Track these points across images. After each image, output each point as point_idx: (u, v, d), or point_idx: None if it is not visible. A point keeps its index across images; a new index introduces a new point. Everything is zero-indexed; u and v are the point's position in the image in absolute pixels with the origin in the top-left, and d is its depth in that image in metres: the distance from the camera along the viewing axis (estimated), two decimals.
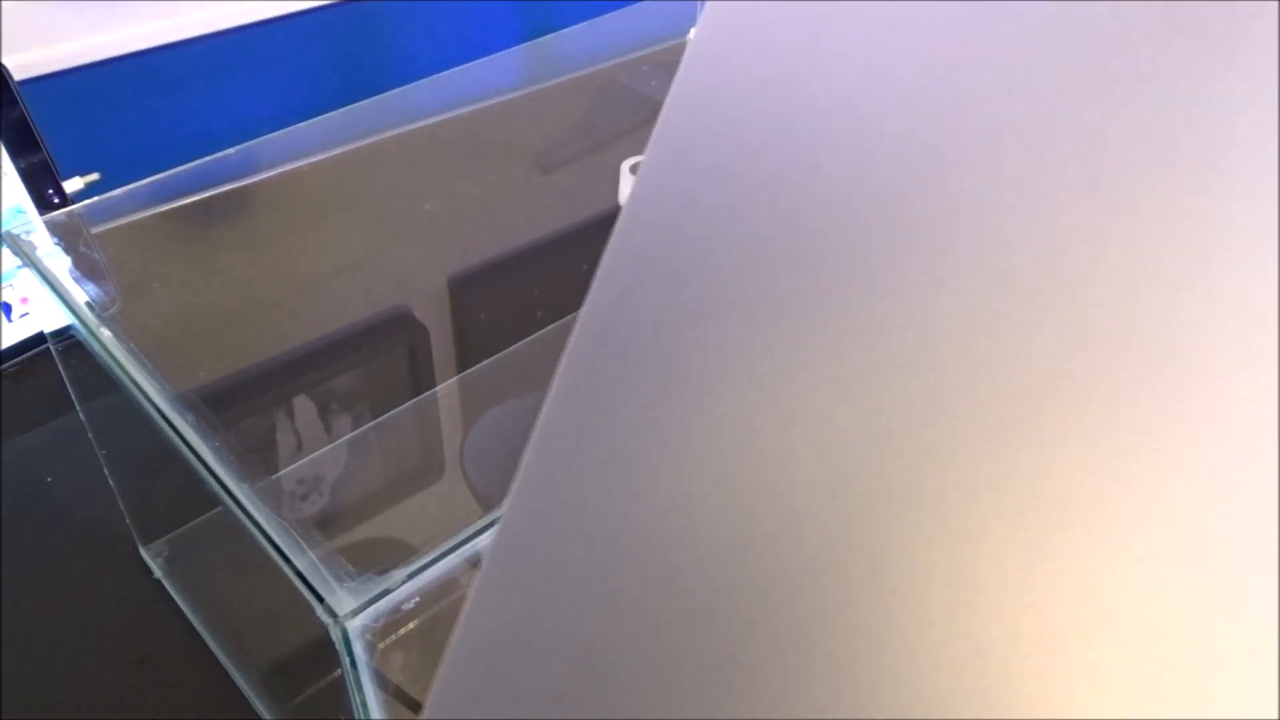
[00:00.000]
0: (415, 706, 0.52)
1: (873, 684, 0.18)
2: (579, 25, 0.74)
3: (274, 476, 0.66)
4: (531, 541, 0.20)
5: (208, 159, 0.56)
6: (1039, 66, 0.19)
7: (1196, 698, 0.17)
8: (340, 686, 0.37)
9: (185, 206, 0.58)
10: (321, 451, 0.68)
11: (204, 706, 0.56)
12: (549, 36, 0.77)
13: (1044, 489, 0.18)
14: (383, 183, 0.79)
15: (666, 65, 0.89)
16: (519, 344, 0.75)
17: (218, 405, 0.43)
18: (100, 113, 0.92)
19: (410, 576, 0.35)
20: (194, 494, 0.40)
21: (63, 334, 0.50)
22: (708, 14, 0.21)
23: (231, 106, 1.00)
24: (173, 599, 0.61)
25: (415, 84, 0.66)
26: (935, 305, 0.18)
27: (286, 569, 0.35)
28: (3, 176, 0.67)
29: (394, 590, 0.34)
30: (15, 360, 0.72)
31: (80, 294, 0.47)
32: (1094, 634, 0.17)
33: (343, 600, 0.34)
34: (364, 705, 0.37)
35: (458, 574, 0.45)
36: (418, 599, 0.35)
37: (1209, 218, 0.18)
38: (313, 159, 0.64)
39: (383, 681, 0.38)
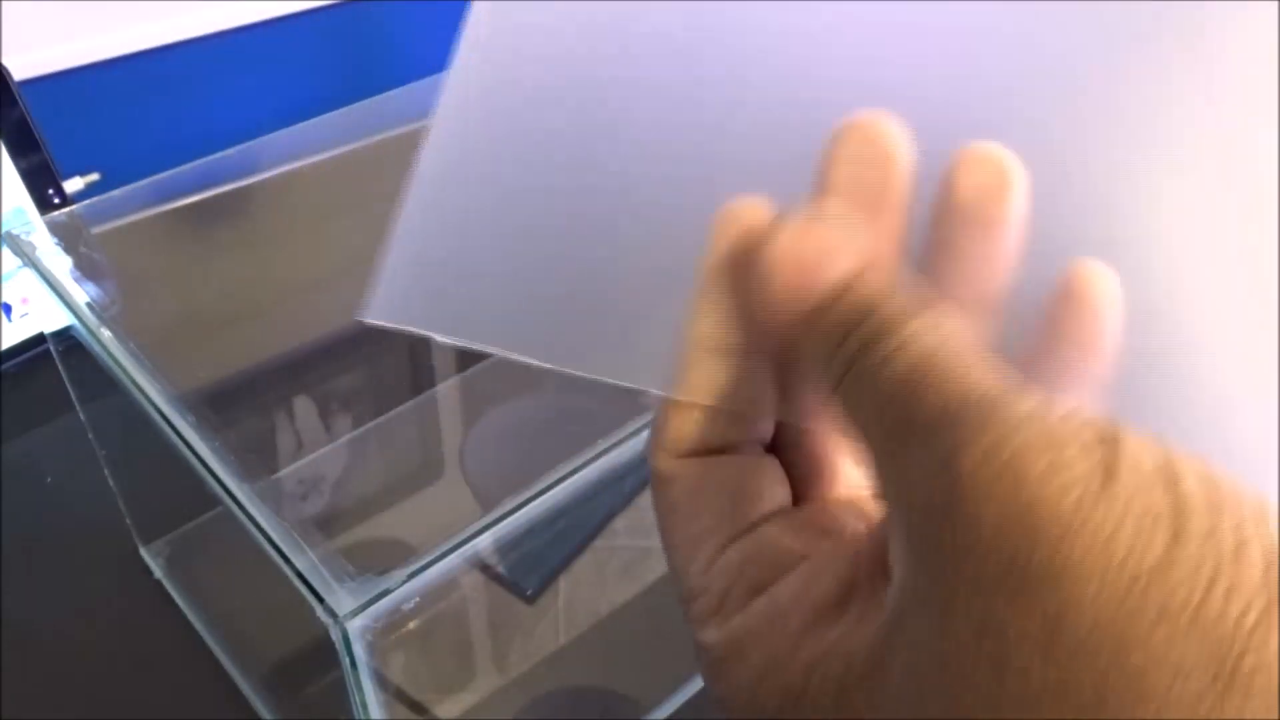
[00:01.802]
0: (415, 706, 0.52)
1: None
2: None
3: (274, 476, 0.66)
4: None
5: (208, 159, 0.56)
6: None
7: None
8: (340, 686, 0.37)
9: (185, 206, 0.58)
10: (321, 451, 0.68)
11: (204, 706, 0.56)
12: None
13: None
14: (383, 183, 0.79)
15: None
16: None
17: (218, 405, 0.43)
18: (100, 113, 0.92)
19: (410, 576, 0.35)
20: (194, 494, 0.40)
21: (63, 334, 0.50)
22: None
23: (231, 106, 0.99)
24: (173, 599, 0.61)
25: (415, 84, 0.66)
26: None
27: (286, 569, 0.35)
28: (3, 176, 0.67)
29: (394, 590, 0.34)
30: (15, 360, 0.72)
31: (80, 294, 0.47)
32: None
33: (343, 600, 0.34)
34: (364, 705, 0.37)
35: (458, 574, 0.45)
36: (418, 599, 0.35)
37: None
38: (313, 159, 0.64)
39: (383, 681, 0.38)
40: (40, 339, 0.67)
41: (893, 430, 0.16)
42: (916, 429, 0.15)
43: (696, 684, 0.58)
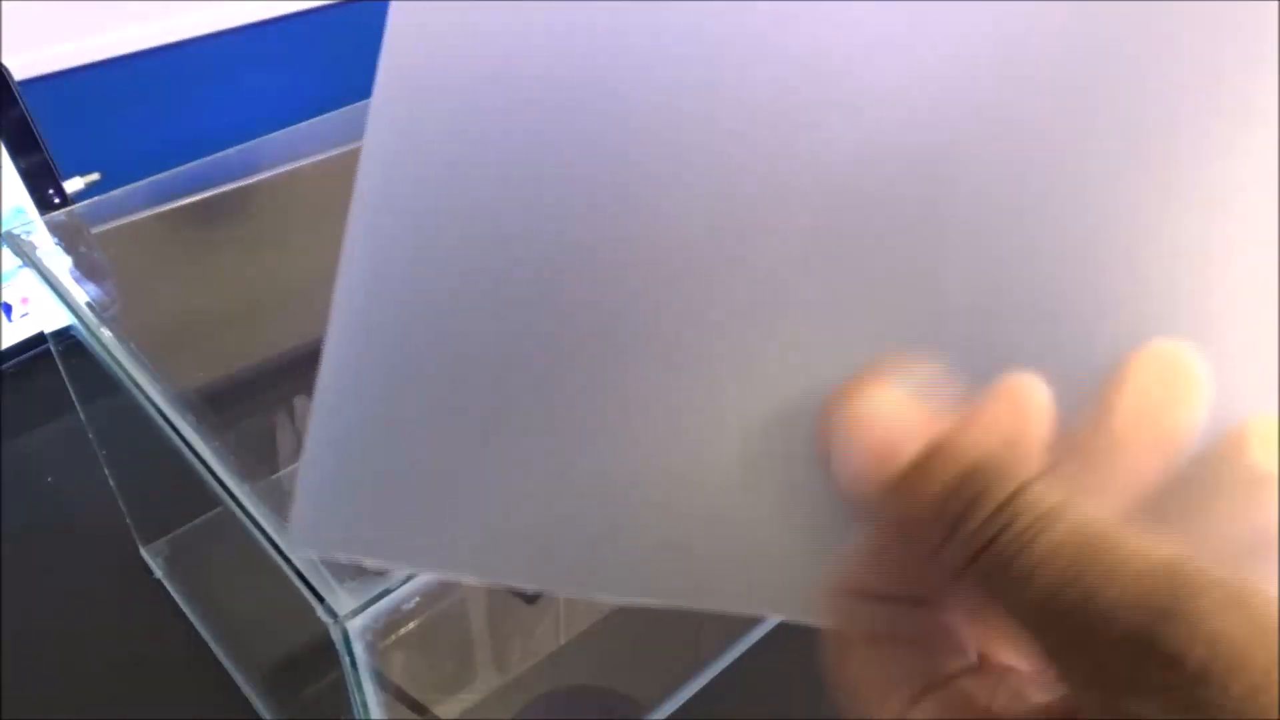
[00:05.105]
0: (416, 706, 0.52)
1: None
2: None
3: (274, 476, 0.66)
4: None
5: (208, 159, 0.56)
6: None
7: None
8: (340, 686, 0.37)
9: (185, 206, 0.58)
10: None
11: (204, 706, 0.56)
12: None
13: None
14: None
15: None
16: None
17: (218, 405, 0.43)
18: (100, 113, 0.92)
19: (410, 576, 0.35)
20: (194, 494, 0.40)
21: (63, 334, 0.50)
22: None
23: (231, 106, 1.00)
24: (173, 599, 0.61)
25: None
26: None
27: (286, 569, 0.35)
28: (3, 176, 0.67)
29: (394, 590, 0.34)
30: (15, 360, 0.72)
31: (80, 294, 0.47)
32: None
33: (343, 600, 0.34)
34: (364, 705, 0.37)
35: None
36: (418, 599, 0.35)
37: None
38: (313, 159, 0.64)
39: (383, 681, 0.38)
40: (40, 339, 0.67)
41: (1071, 613, 0.14)
42: (1104, 611, 0.14)
43: (696, 684, 0.58)
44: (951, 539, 0.16)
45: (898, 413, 0.17)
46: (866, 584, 0.18)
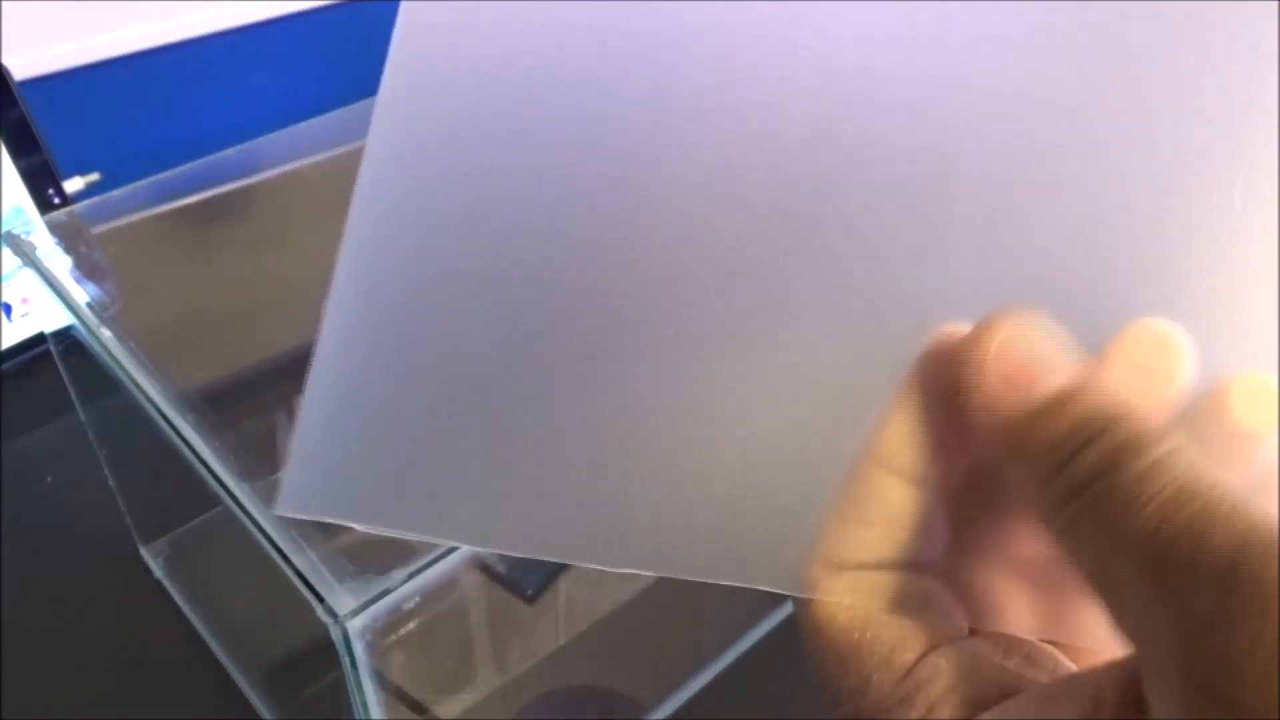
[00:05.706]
0: (416, 706, 0.52)
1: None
2: None
3: (274, 476, 0.66)
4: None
5: (208, 159, 0.56)
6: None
7: None
8: (340, 686, 0.37)
9: (185, 206, 0.58)
10: None
11: (204, 706, 0.56)
12: None
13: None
14: None
15: None
16: None
17: (218, 405, 0.43)
18: (100, 113, 0.92)
19: (410, 576, 0.35)
20: (194, 494, 0.40)
21: (63, 334, 0.50)
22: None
23: (231, 106, 1.00)
24: (173, 599, 0.61)
25: None
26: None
27: (286, 569, 0.35)
28: (3, 176, 0.67)
29: (394, 590, 0.34)
30: (15, 360, 0.72)
31: (80, 294, 0.47)
32: None
33: (343, 600, 0.34)
34: (364, 705, 0.37)
35: (458, 574, 0.45)
36: (418, 599, 0.35)
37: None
38: (313, 159, 0.64)
39: (383, 681, 0.38)
40: (40, 339, 0.67)
41: (1154, 567, 0.14)
42: (1189, 573, 0.14)
43: (696, 684, 0.58)
44: (1070, 465, 0.16)
45: (1038, 348, 0.17)
46: (854, 551, 0.19)
